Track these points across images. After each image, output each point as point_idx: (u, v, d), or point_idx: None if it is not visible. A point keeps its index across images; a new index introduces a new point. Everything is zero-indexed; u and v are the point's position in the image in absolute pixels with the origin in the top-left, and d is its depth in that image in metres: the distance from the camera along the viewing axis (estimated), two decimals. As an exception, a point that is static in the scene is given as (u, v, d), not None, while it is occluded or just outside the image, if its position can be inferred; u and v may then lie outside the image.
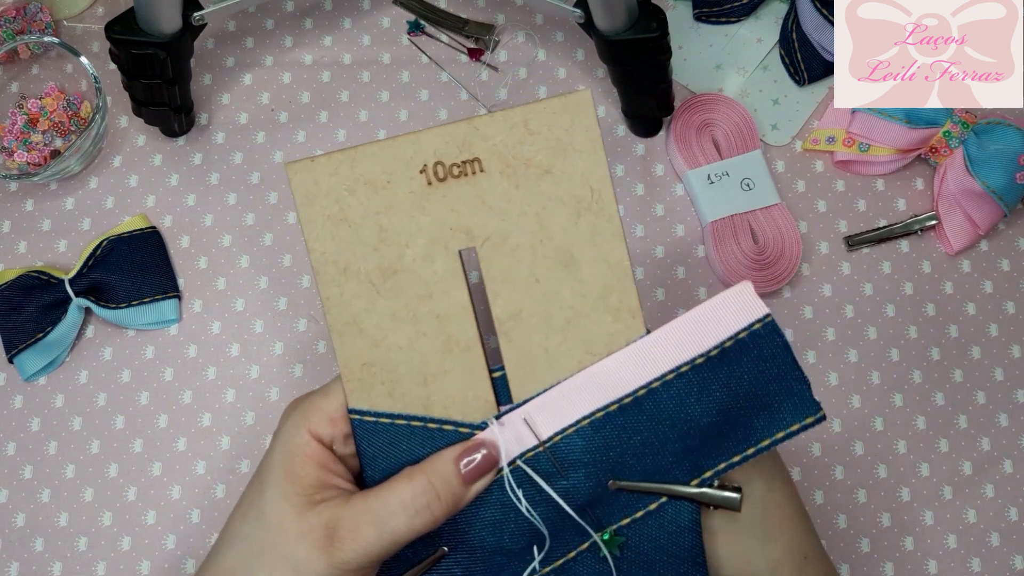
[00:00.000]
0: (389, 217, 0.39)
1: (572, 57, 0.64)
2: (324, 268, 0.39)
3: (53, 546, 0.55)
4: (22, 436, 0.57)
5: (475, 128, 0.39)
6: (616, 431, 0.38)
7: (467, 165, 0.39)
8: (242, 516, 0.38)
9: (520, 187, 0.39)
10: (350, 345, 0.39)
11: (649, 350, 0.39)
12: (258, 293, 0.59)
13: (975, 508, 0.55)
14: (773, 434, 0.38)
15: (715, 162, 0.59)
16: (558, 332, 0.39)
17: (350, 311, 0.39)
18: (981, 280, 0.59)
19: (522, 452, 0.38)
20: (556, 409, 0.39)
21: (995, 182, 0.57)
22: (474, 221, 0.39)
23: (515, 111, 0.39)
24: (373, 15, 0.65)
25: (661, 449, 0.38)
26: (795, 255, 0.58)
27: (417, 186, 0.39)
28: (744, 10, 0.63)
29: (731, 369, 0.38)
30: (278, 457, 0.39)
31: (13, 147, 0.61)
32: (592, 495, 0.38)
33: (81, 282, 0.57)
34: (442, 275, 0.39)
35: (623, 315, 0.39)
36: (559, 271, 0.39)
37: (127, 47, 0.54)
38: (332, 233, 0.39)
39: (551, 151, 0.39)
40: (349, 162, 0.39)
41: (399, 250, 0.39)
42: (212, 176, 0.61)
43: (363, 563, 0.37)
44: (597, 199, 0.39)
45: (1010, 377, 0.57)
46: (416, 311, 0.39)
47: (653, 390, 0.38)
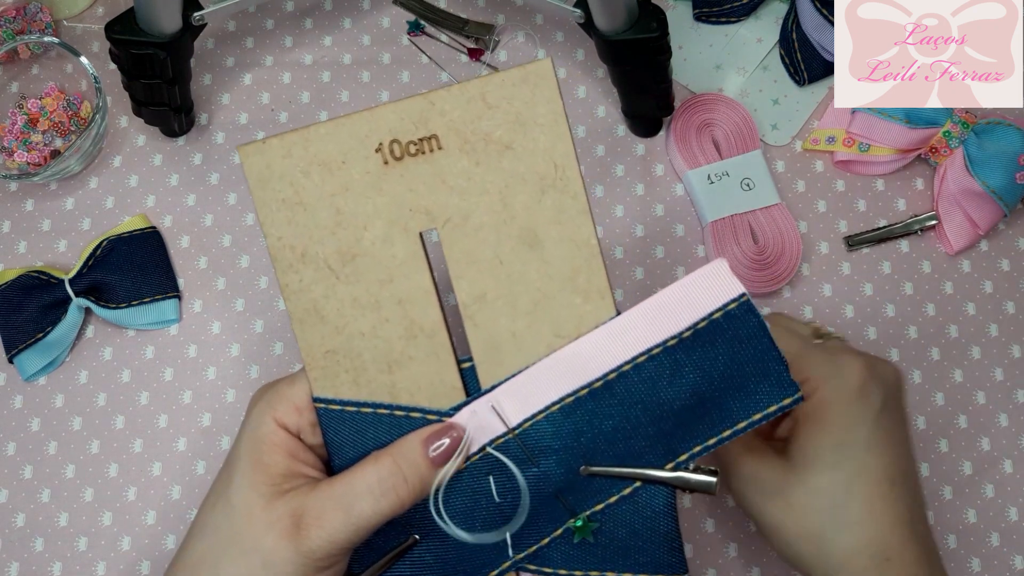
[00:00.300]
0: (345, 199, 0.37)
1: (572, 57, 0.64)
2: (281, 254, 0.38)
3: (53, 546, 0.55)
4: (22, 436, 0.57)
5: (431, 103, 0.37)
6: (587, 416, 0.37)
7: (424, 143, 0.37)
8: (211, 507, 0.38)
9: (480, 164, 0.37)
10: (311, 332, 0.38)
11: (619, 332, 0.38)
12: (258, 293, 0.59)
13: (975, 508, 0.55)
14: (750, 415, 0.37)
15: (715, 162, 0.59)
16: (525, 315, 0.38)
17: (309, 297, 0.38)
18: (981, 280, 0.59)
19: (491, 439, 0.38)
20: (524, 394, 0.38)
21: (995, 182, 0.57)
22: (434, 201, 0.37)
23: (472, 84, 0.37)
24: (373, 15, 0.65)
25: (633, 433, 0.37)
26: (795, 255, 0.58)
27: (373, 166, 0.37)
28: (744, 10, 0.63)
29: (705, 351, 0.37)
30: (245, 446, 0.38)
31: (13, 147, 0.61)
32: (564, 481, 0.38)
33: (81, 282, 0.57)
34: (402, 258, 0.38)
35: (592, 296, 0.38)
36: (524, 251, 0.38)
37: (127, 47, 0.54)
38: (288, 217, 0.38)
39: (511, 126, 0.37)
40: (302, 143, 0.37)
41: (357, 233, 0.38)
42: (212, 176, 0.61)
43: (331, 550, 0.36)
44: (561, 175, 0.37)
45: (1010, 377, 0.57)
46: (378, 296, 0.38)
47: (624, 373, 0.37)
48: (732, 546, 0.54)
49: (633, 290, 0.59)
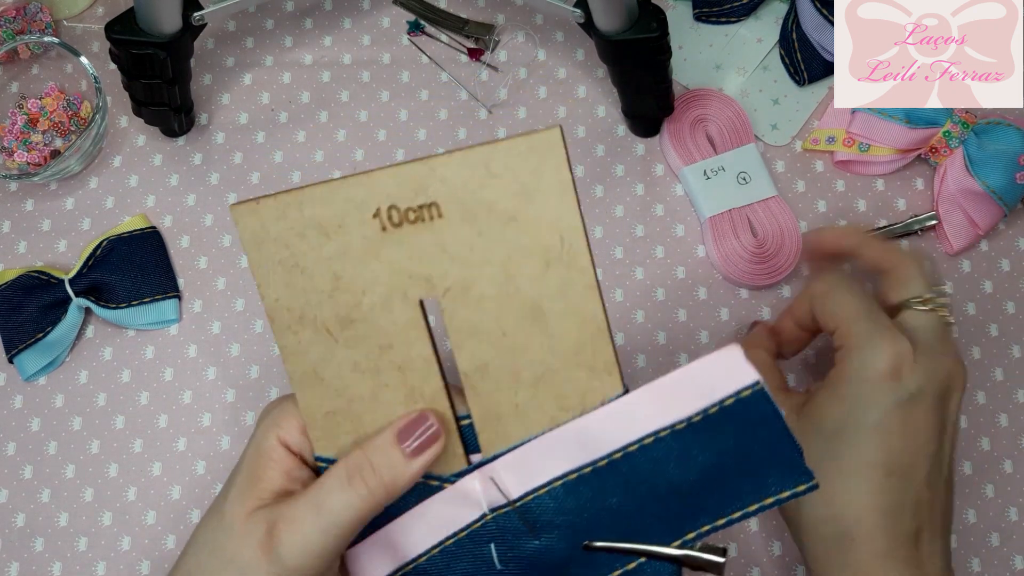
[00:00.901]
0: (343, 263, 0.36)
1: (572, 57, 0.64)
2: (279, 315, 0.37)
3: (53, 546, 0.55)
4: (22, 436, 0.57)
5: (431, 169, 0.35)
6: (590, 493, 0.36)
7: (424, 210, 0.35)
8: (205, 521, 0.38)
9: (483, 235, 0.35)
10: (311, 394, 0.37)
11: (626, 412, 0.36)
12: (258, 294, 0.59)
13: (975, 508, 0.55)
14: (761, 499, 0.36)
15: (710, 157, 0.59)
16: (528, 387, 0.36)
17: (308, 360, 0.37)
18: (981, 280, 0.59)
19: (493, 507, 0.37)
20: (527, 468, 0.37)
21: (995, 182, 0.57)
22: (434, 270, 0.36)
23: (475, 151, 0.35)
24: (373, 15, 0.65)
25: (639, 512, 0.36)
26: (795, 247, 0.58)
27: (371, 231, 0.36)
28: (744, 10, 0.63)
29: (714, 435, 0.35)
30: (248, 459, 0.38)
31: (13, 147, 0.61)
32: (567, 555, 0.37)
33: (81, 282, 0.57)
34: (402, 325, 0.37)
35: (598, 371, 0.36)
36: (527, 324, 0.36)
37: (127, 47, 0.54)
38: (285, 280, 0.37)
39: (516, 196, 0.35)
40: (296, 204, 0.36)
41: (356, 298, 0.36)
42: (212, 176, 0.61)
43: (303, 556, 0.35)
44: (568, 249, 0.35)
45: (1010, 377, 0.57)
46: (377, 362, 0.37)
47: (629, 454, 0.36)
48: (731, 546, 0.54)
49: (633, 290, 0.59)
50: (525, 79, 0.63)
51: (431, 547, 0.38)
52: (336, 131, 0.62)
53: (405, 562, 0.38)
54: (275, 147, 0.62)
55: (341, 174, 0.61)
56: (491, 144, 0.35)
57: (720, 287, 0.59)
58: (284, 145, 0.62)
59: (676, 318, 0.58)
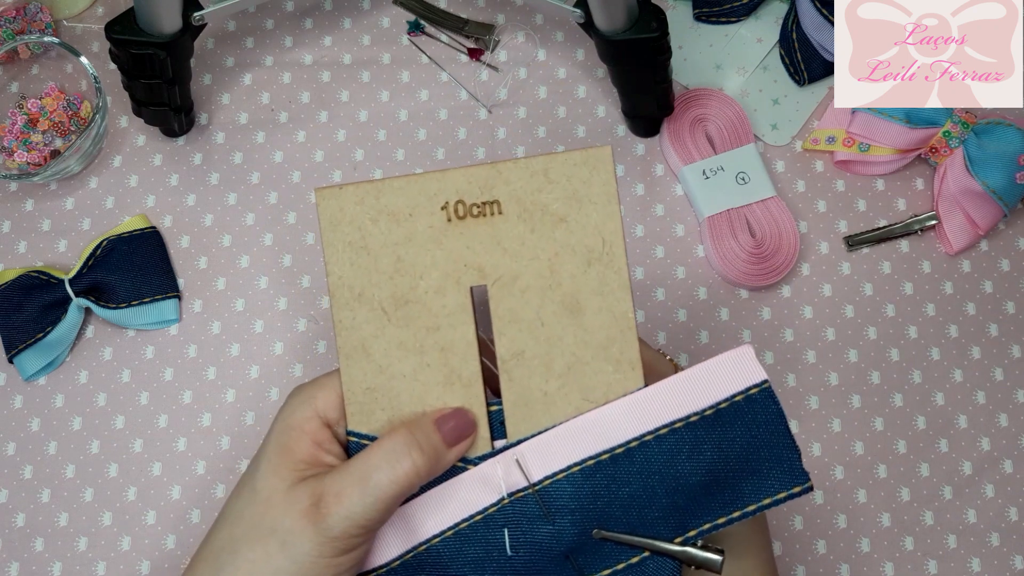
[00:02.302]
0: (407, 248, 0.40)
1: (572, 57, 0.64)
2: (340, 292, 0.40)
3: (53, 546, 0.55)
4: (22, 436, 0.57)
5: (498, 172, 0.40)
6: (606, 480, 0.39)
7: (487, 206, 0.40)
8: (236, 495, 0.39)
9: (535, 232, 0.40)
10: (356, 368, 0.40)
11: (645, 403, 0.39)
12: (258, 293, 0.59)
13: (975, 508, 0.55)
14: (760, 499, 0.38)
15: (709, 157, 0.59)
16: (558, 376, 0.40)
17: (360, 335, 0.40)
18: (981, 280, 0.59)
19: (512, 491, 0.39)
20: (549, 453, 0.39)
21: (995, 182, 0.57)
22: (487, 260, 0.40)
23: (537, 159, 0.40)
24: (373, 15, 0.65)
25: (648, 503, 0.38)
26: (793, 247, 0.58)
27: (437, 221, 0.40)
28: (744, 10, 0.63)
29: (724, 431, 0.38)
30: (276, 432, 0.39)
31: (13, 147, 0.61)
32: (576, 542, 0.38)
33: (81, 282, 0.57)
34: (451, 309, 0.40)
35: (623, 366, 0.39)
36: (565, 317, 0.40)
37: (127, 47, 0.54)
38: (351, 259, 0.40)
39: (568, 200, 0.40)
40: (375, 193, 0.40)
41: (413, 281, 0.40)
42: (212, 176, 0.61)
43: (349, 527, 0.36)
44: (608, 251, 0.40)
45: (1010, 377, 0.57)
46: (423, 342, 0.40)
47: (645, 443, 0.38)
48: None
49: (634, 289, 0.59)
50: (525, 79, 0.63)
51: (446, 529, 0.39)
52: (336, 131, 0.62)
53: (419, 542, 0.39)
54: (275, 147, 0.62)
55: (341, 174, 0.61)
56: (551, 155, 0.40)
57: (720, 287, 0.59)
58: (284, 145, 0.62)
59: (676, 318, 0.58)
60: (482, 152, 0.62)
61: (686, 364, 0.57)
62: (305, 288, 0.59)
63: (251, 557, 0.37)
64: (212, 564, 0.38)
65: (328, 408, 0.40)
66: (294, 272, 0.59)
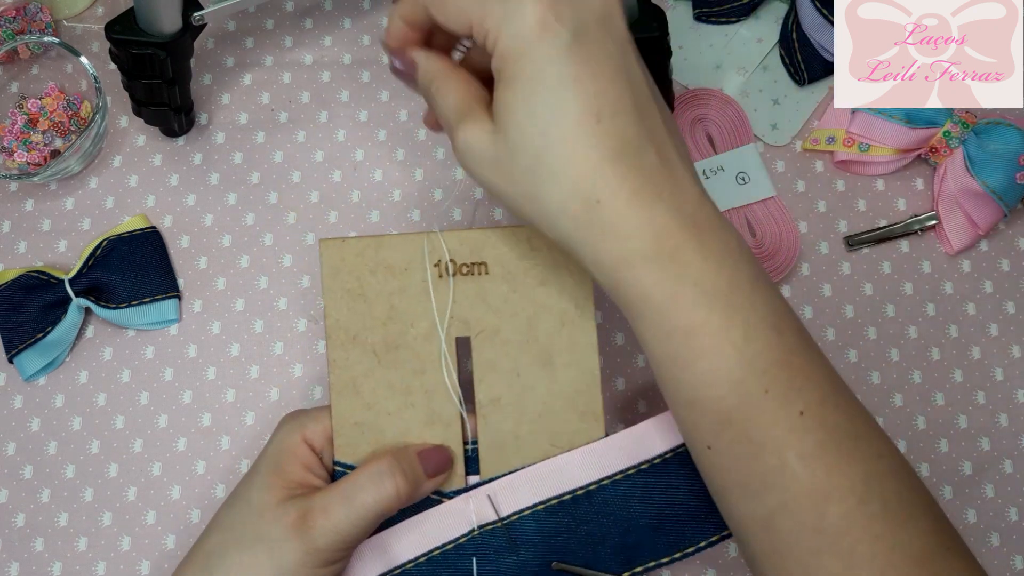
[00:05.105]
0: (401, 298, 0.44)
1: (572, 57, 0.64)
2: (336, 334, 0.44)
3: (53, 546, 0.55)
4: (22, 436, 0.57)
5: (487, 238, 0.44)
6: (567, 519, 0.43)
7: (475, 266, 0.44)
8: (229, 506, 0.42)
9: (517, 292, 0.44)
10: (346, 404, 0.44)
11: (604, 451, 0.44)
12: (258, 293, 0.59)
13: (975, 508, 0.55)
14: (697, 543, 0.43)
15: (710, 157, 0.59)
16: (529, 422, 0.44)
17: (351, 374, 0.44)
18: (981, 280, 0.59)
19: (481, 524, 0.43)
20: (517, 491, 0.43)
21: (995, 182, 0.57)
22: (473, 314, 0.44)
23: (522, 230, 0.44)
24: (373, 15, 0.65)
25: (603, 540, 0.43)
26: (793, 247, 0.58)
27: (430, 276, 0.44)
28: (744, 10, 0.63)
29: (671, 478, 0.43)
30: (270, 454, 0.42)
31: (13, 147, 0.61)
32: (538, 573, 0.43)
33: (81, 282, 0.57)
34: (438, 356, 0.44)
35: (588, 417, 0.44)
36: (539, 369, 0.44)
37: (127, 47, 0.54)
38: (349, 305, 0.44)
39: (547, 267, 0.44)
40: (375, 247, 0.44)
41: (404, 328, 0.44)
42: (212, 176, 0.61)
43: (334, 541, 0.39)
44: (580, 314, 0.44)
45: (1010, 377, 0.57)
46: (409, 384, 0.44)
47: (603, 486, 0.43)
48: (732, 546, 0.54)
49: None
50: (525, 79, 0.63)
51: (419, 555, 0.43)
52: (336, 131, 0.62)
53: (394, 566, 0.43)
54: (275, 147, 0.62)
55: (341, 173, 0.61)
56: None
57: (720, 287, 0.59)
58: (284, 145, 0.62)
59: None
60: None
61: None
62: (305, 288, 0.59)
63: (240, 561, 0.39)
64: (202, 567, 0.41)
65: (316, 437, 0.43)
66: (294, 272, 0.59)
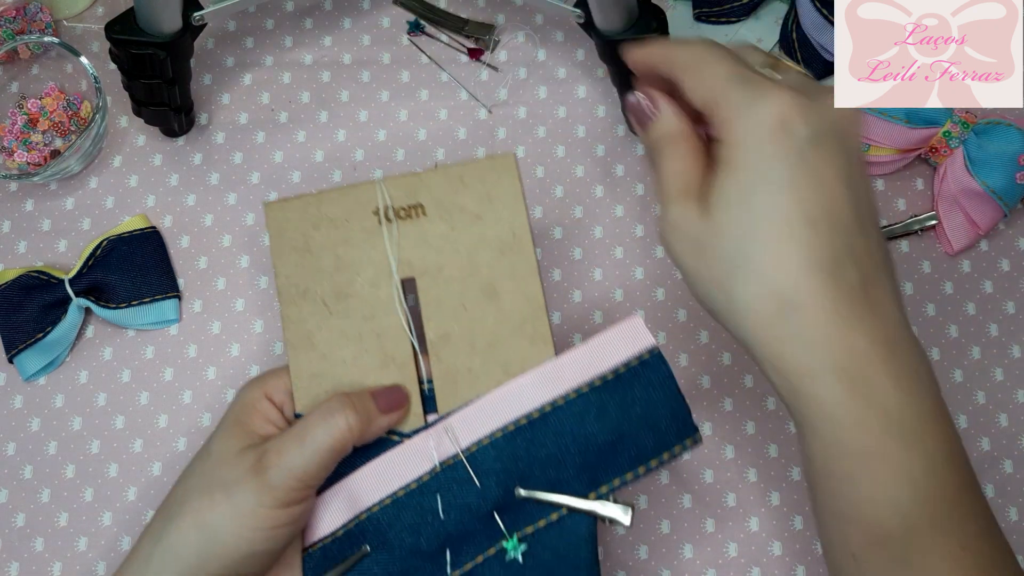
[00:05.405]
0: (345, 249, 0.45)
1: (572, 57, 0.64)
2: (287, 290, 0.45)
3: (53, 546, 0.55)
4: (22, 436, 0.57)
5: (421, 180, 0.46)
6: (525, 443, 0.43)
7: (412, 209, 0.46)
8: (194, 460, 0.43)
9: (455, 229, 0.45)
10: (302, 357, 0.45)
11: (556, 372, 0.44)
12: (258, 293, 0.59)
13: (975, 508, 0.55)
14: (660, 454, 0.43)
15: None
16: (480, 353, 0.44)
17: (305, 328, 0.45)
18: (981, 280, 0.59)
19: (443, 460, 0.43)
20: (474, 422, 0.44)
21: (995, 182, 0.57)
22: (415, 255, 0.45)
23: (453, 167, 0.46)
24: (373, 15, 0.65)
25: (563, 462, 0.43)
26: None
27: (370, 224, 0.45)
28: (744, 10, 0.63)
29: (624, 392, 0.43)
30: (232, 411, 0.44)
31: (13, 147, 0.61)
32: (501, 502, 0.43)
33: (81, 282, 0.57)
34: (385, 299, 0.45)
35: (537, 341, 0.44)
36: (484, 301, 0.45)
37: (127, 47, 0.54)
38: (296, 261, 0.45)
39: (481, 201, 0.46)
40: (316, 203, 0.46)
41: (351, 277, 0.45)
42: (212, 176, 0.61)
43: (288, 480, 0.40)
44: (518, 242, 0.45)
45: (1010, 377, 0.57)
46: (361, 330, 0.45)
47: (558, 407, 0.43)
48: (688, 547, 0.54)
49: (633, 289, 0.59)
50: (525, 79, 0.63)
51: (384, 497, 0.43)
52: (336, 131, 0.62)
53: (361, 510, 0.43)
54: (275, 147, 0.62)
55: (341, 173, 0.61)
56: (464, 163, 0.46)
57: (720, 287, 0.59)
58: (284, 145, 0.62)
59: (676, 318, 0.58)
60: (482, 152, 0.62)
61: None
62: (305, 288, 0.59)
63: (197, 506, 0.41)
64: (164, 517, 0.42)
65: (276, 392, 0.44)
66: (294, 272, 0.59)
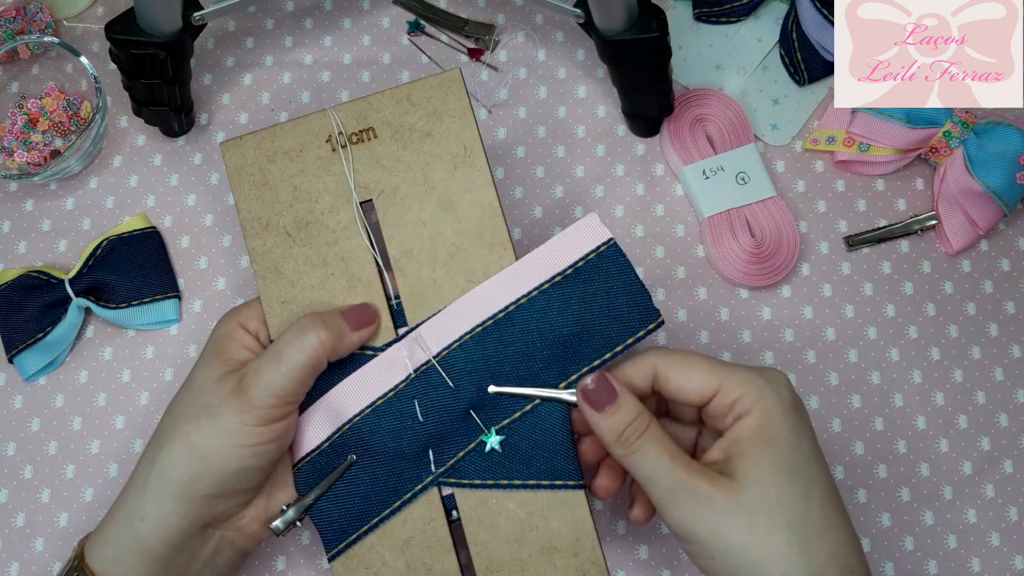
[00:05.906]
0: (302, 179, 0.47)
1: (572, 57, 0.64)
2: (250, 224, 0.47)
3: (53, 546, 0.55)
4: (22, 436, 0.57)
5: (369, 104, 0.47)
6: (493, 343, 0.45)
7: (364, 133, 0.47)
8: (178, 391, 0.46)
9: (407, 148, 0.47)
10: (272, 287, 0.47)
11: (517, 273, 0.46)
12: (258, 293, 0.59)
13: (975, 508, 0.55)
14: (625, 339, 0.45)
15: (709, 157, 0.59)
16: (443, 264, 0.46)
17: (271, 259, 0.47)
18: (981, 280, 0.59)
19: (416, 367, 0.45)
20: (443, 329, 0.46)
21: (995, 182, 0.57)
22: (371, 178, 0.47)
23: (400, 88, 0.47)
24: (373, 15, 0.65)
25: (532, 356, 0.45)
26: (793, 247, 0.58)
27: (324, 152, 0.47)
28: (744, 10, 0.63)
29: (585, 285, 0.45)
30: (211, 342, 0.46)
31: (13, 147, 0.61)
32: (476, 399, 0.45)
33: (81, 282, 0.57)
34: (345, 223, 0.47)
35: (496, 247, 0.46)
36: (442, 214, 0.47)
37: (127, 47, 0.54)
38: (256, 195, 0.47)
39: (430, 118, 0.47)
40: (270, 137, 0.48)
41: (310, 205, 0.47)
42: (212, 176, 0.61)
43: (267, 397, 0.42)
44: (470, 154, 0.47)
45: (1010, 377, 0.57)
46: (325, 255, 0.47)
47: (521, 306, 0.45)
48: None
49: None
50: (525, 79, 0.63)
51: (364, 408, 0.46)
52: (336, 131, 0.62)
53: (343, 423, 0.46)
54: (275, 147, 0.62)
55: (341, 174, 0.61)
56: (411, 83, 0.48)
57: (720, 287, 0.59)
58: (284, 145, 0.62)
59: (676, 318, 0.58)
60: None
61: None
62: (305, 288, 0.59)
63: (185, 430, 0.43)
64: (154, 444, 0.44)
65: (250, 321, 0.46)
66: (294, 272, 0.59)
